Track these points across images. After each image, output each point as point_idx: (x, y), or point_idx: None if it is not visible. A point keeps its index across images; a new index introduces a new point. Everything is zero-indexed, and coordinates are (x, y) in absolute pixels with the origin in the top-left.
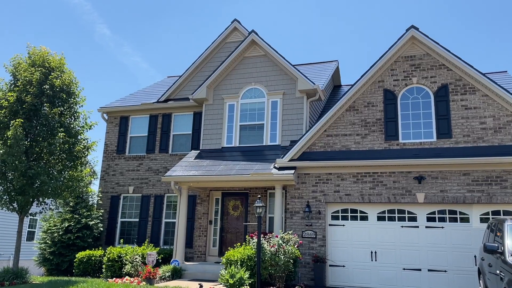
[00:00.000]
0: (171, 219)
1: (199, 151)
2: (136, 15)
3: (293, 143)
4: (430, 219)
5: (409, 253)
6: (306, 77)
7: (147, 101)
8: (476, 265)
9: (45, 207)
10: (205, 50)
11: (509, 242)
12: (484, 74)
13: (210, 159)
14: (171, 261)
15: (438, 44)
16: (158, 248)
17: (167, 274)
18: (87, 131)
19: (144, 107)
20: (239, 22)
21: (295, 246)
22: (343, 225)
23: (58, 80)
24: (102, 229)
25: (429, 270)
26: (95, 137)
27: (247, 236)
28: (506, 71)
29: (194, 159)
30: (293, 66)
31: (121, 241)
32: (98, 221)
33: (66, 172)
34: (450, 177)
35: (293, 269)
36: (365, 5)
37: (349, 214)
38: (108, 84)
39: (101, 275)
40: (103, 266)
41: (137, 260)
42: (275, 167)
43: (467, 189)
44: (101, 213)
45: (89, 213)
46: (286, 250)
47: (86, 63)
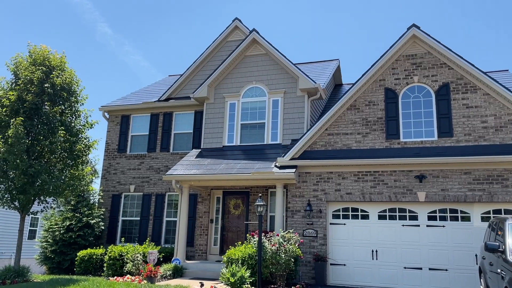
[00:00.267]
0: (172, 217)
1: (200, 150)
2: (137, 14)
3: (294, 142)
4: (431, 218)
5: (410, 252)
6: (307, 76)
7: (148, 100)
8: (477, 264)
9: (47, 206)
10: (206, 49)
11: (510, 241)
12: (485, 73)
13: (211, 158)
14: (172, 259)
15: (439, 42)
16: (159, 247)
17: (168, 272)
18: (88, 129)
19: (145, 106)
20: (240, 21)
21: (296, 245)
22: (344, 224)
23: (59, 79)
24: (103, 227)
25: (430, 269)
26: (96, 135)
27: (248, 235)
28: (507, 70)
29: (195, 158)
30: (294, 64)
31: (123, 239)
32: (100, 219)
33: (67, 171)
34: (451, 176)
35: (294, 267)
36: (366, 3)
37: (350, 213)
38: (109, 83)
39: (102, 274)
40: (105, 264)
41: (138, 258)
42: (276, 166)
43: (468, 188)
44: (102, 212)
45: (90, 211)
46: (287, 249)
47: (87, 62)
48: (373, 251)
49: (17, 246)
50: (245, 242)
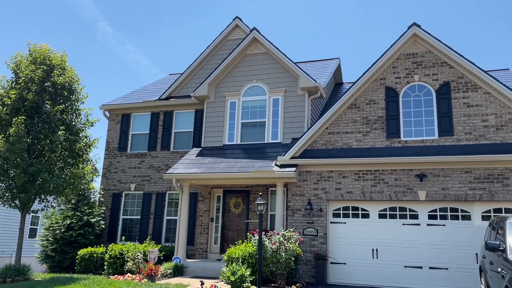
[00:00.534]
0: (172, 216)
1: (200, 148)
2: (138, 13)
3: (295, 140)
4: (431, 217)
5: (410, 250)
6: (308, 75)
7: (149, 99)
8: (477, 263)
9: (47, 205)
10: (207, 48)
11: (511, 240)
12: (486, 72)
13: (211, 156)
14: (173, 258)
15: (440, 41)
16: (160, 246)
17: (169, 271)
18: (88, 128)
19: (146, 104)
20: (240, 19)
21: (296, 244)
22: (345, 222)
23: (61, 78)
24: (104, 226)
25: (430, 268)
26: (97, 134)
27: (248, 234)
28: (508, 69)
29: (196, 156)
30: (294, 63)
31: (123, 238)
32: (100, 218)
33: (68, 170)
34: (451, 175)
35: (294, 266)
36: (366, 2)
37: (350, 212)
38: (110, 82)
39: (103, 272)
40: (105, 263)
41: (139, 257)
42: (276, 164)
43: (468, 187)
44: (103, 211)
45: (91, 210)
46: (287, 248)
47: (88, 60)
48: (373, 250)
49: (17, 245)
50: (245, 241)
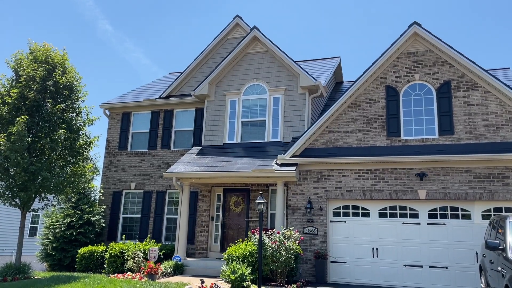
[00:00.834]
0: (173, 215)
1: (201, 147)
2: (138, 12)
3: (295, 139)
4: (431, 216)
5: (410, 249)
6: (308, 74)
7: (149, 97)
8: (477, 262)
9: (47, 203)
10: (207, 46)
11: (511, 239)
12: (486, 71)
13: (211, 155)
14: (173, 257)
15: (440, 40)
16: (160, 244)
17: (169, 270)
18: (89, 125)
19: (146, 103)
20: (241, 18)
21: (297, 242)
22: (345, 221)
23: (63, 78)
24: (104, 225)
25: (430, 267)
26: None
27: (248, 232)
28: (508, 68)
29: (196, 155)
30: (295, 62)
31: (123, 237)
32: (100, 217)
33: (68, 168)
34: (452, 174)
35: (294, 265)
36: (366, 2)
37: (350, 211)
38: (110, 80)
39: (103, 271)
40: (105, 261)
41: (139, 256)
42: (276, 163)
43: (469, 186)
44: (103, 209)
45: (91, 209)
46: (288, 246)
47: (88, 59)
48: (373, 248)
49: (18, 243)
50: (245, 239)
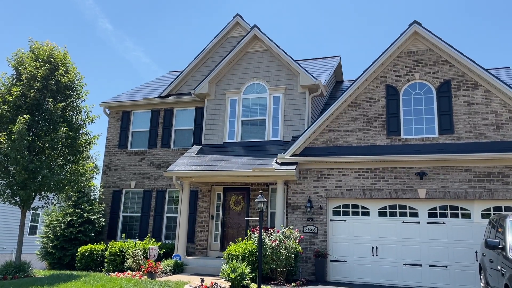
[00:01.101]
0: (172, 213)
1: (201, 146)
2: (138, 10)
3: (295, 138)
4: (431, 215)
5: (410, 248)
6: (308, 73)
7: (149, 96)
8: (477, 261)
9: (47, 202)
10: (207, 45)
11: (511, 238)
12: (486, 70)
13: (212, 154)
14: (173, 255)
15: (440, 39)
16: (160, 243)
17: (169, 268)
18: (89, 123)
19: (146, 102)
20: (241, 17)
21: (296, 241)
22: (345, 220)
23: (66, 78)
24: (104, 223)
25: (430, 266)
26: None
27: (248, 231)
28: (508, 67)
29: (196, 154)
30: (295, 61)
31: (123, 235)
32: (100, 215)
33: (68, 167)
34: (451, 173)
35: (294, 264)
36: (367, 1)
37: (350, 210)
38: (110, 79)
39: (103, 269)
40: (105, 260)
41: (139, 254)
42: (276, 162)
43: (468, 185)
44: (103, 208)
45: (91, 207)
46: (288, 245)
47: (88, 58)
48: (373, 247)
49: (18, 242)
50: (245, 238)
